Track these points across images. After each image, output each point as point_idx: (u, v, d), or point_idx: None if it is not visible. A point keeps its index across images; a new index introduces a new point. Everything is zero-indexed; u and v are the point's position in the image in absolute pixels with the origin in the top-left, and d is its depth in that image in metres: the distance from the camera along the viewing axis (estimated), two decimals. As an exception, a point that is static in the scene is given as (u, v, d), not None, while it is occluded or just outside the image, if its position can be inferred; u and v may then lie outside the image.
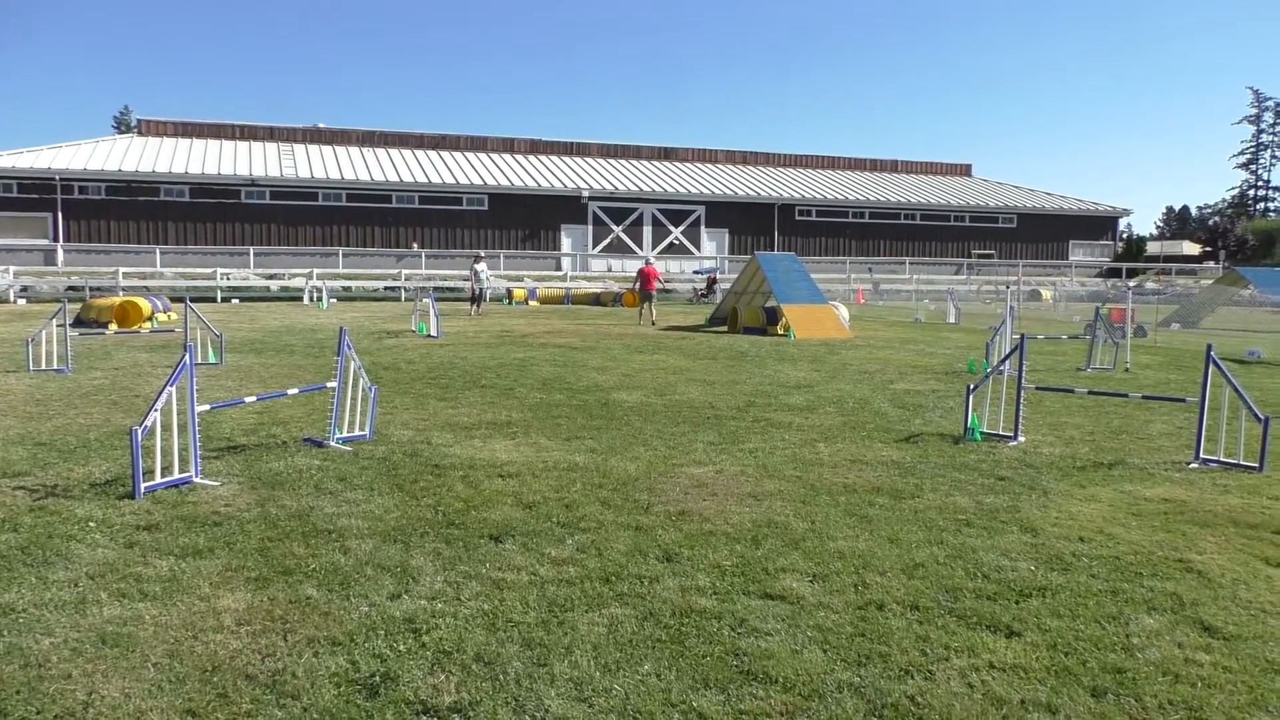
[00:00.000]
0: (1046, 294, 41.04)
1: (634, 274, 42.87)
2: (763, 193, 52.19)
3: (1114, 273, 54.21)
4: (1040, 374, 13.83)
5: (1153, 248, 62.56)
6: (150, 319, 21.07)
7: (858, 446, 8.48)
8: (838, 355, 16.74)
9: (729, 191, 51.64)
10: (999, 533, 5.86)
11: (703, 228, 50.98)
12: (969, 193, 58.72)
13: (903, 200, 54.52)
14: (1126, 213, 60.69)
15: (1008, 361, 9.81)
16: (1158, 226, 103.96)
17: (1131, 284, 37.44)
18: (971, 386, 9.17)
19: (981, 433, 8.91)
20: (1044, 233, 57.19)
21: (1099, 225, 59.08)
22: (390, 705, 3.56)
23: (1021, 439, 8.75)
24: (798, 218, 52.31)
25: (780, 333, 21.18)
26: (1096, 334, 15.41)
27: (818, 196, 52.99)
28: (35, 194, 40.99)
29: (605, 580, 4.91)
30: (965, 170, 64.75)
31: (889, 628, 4.34)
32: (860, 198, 53.87)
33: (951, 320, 26.90)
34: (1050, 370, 14.84)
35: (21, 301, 31.95)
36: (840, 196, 53.57)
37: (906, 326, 25.24)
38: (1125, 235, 63.02)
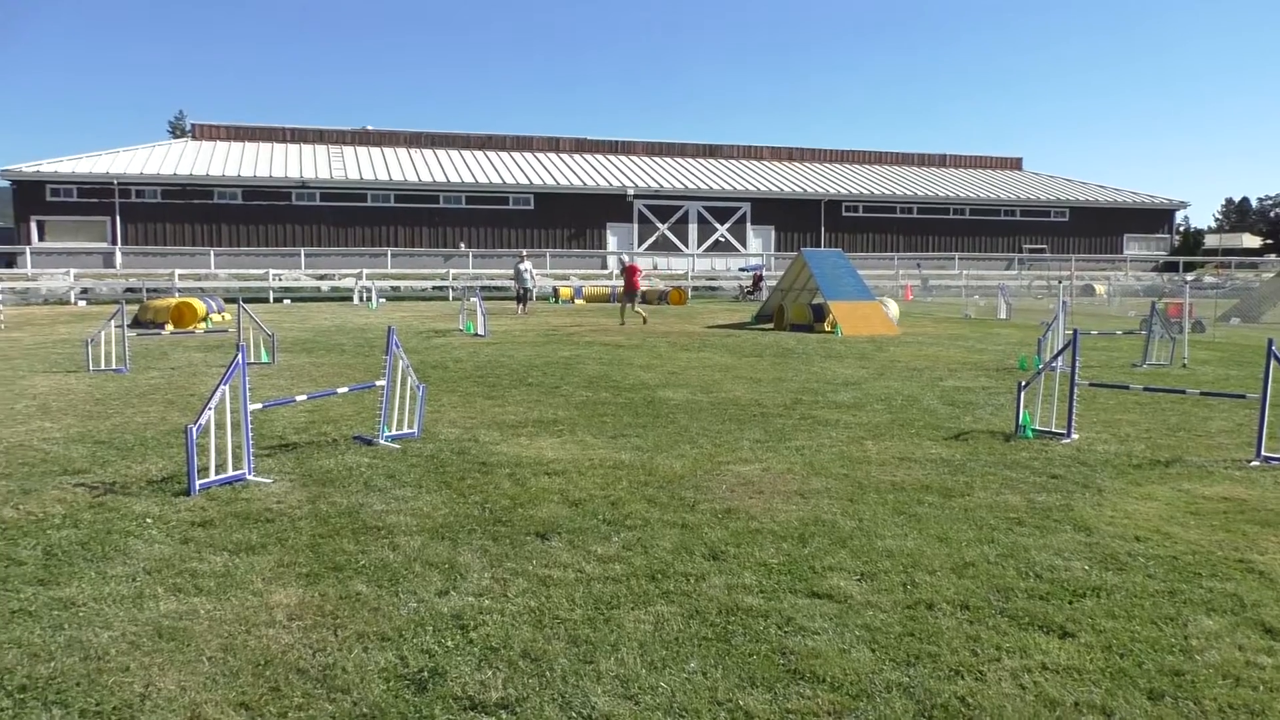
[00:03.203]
0: (1100, 289, 40.25)
1: (680, 272, 42.88)
2: (809, 189, 51.83)
3: (1170, 267, 53.00)
4: (1094, 370, 13.58)
5: (1211, 241, 61.13)
6: (205, 319, 21.48)
7: (906, 444, 8.38)
8: (885, 352, 16.58)
9: (774, 188, 51.36)
10: (1052, 532, 5.76)
11: (748, 225, 50.77)
12: (1020, 186, 57.80)
13: (952, 195, 53.81)
14: (1184, 205, 59.38)
15: (1060, 357, 9.64)
16: (1216, 219, 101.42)
17: (1189, 278, 36.58)
18: (1023, 383, 9.02)
19: (1033, 430, 8.76)
20: (1098, 226, 56.10)
21: (1155, 218, 57.82)
22: (438, 700, 3.59)
23: (1075, 436, 8.59)
24: (844, 214, 51.87)
25: (827, 330, 21.03)
26: (1153, 329, 15.08)
27: (865, 192, 52.49)
28: (94, 198, 42.00)
29: (651, 578, 4.91)
30: (1016, 164, 63.72)
31: (938, 627, 4.28)
32: (908, 193, 53.27)
33: (1002, 316, 26.50)
34: (1104, 366, 14.56)
35: (82, 303, 32.75)
36: (888, 192, 53.01)
37: (956, 322, 24.93)
38: (1182, 228, 61.70)
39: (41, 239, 41.30)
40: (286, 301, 34.15)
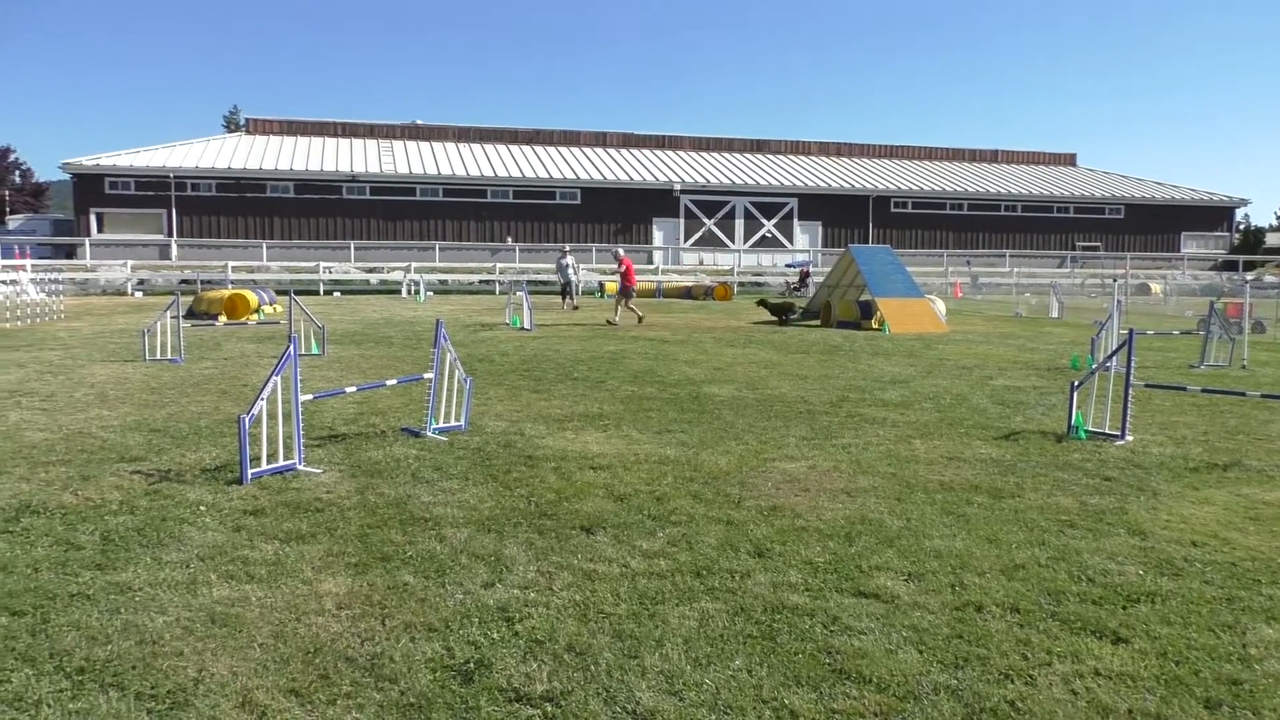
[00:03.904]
0: (1156, 288, 39.45)
1: (726, 268, 42.74)
2: (857, 184, 51.39)
3: (1230, 265, 51.72)
4: (1149, 371, 13.30)
5: (1272, 239, 59.44)
6: (257, 311, 21.82)
7: (955, 443, 8.28)
8: (934, 350, 16.39)
9: (822, 183, 50.99)
10: (1105, 535, 5.65)
11: (795, 220, 50.47)
12: (1073, 183, 56.78)
13: (1003, 191, 53.03)
14: (1244, 203, 57.91)
15: (1115, 357, 9.45)
16: (1278, 216, 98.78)
17: (1249, 277, 35.68)
18: (1076, 383, 8.86)
19: (1086, 431, 8.61)
20: (1154, 224, 54.93)
21: (1213, 216, 56.48)
22: (484, 692, 3.61)
23: (1129, 438, 8.42)
24: (893, 210, 51.36)
25: (875, 327, 20.83)
26: (1211, 330, 14.74)
27: (914, 188, 51.92)
28: (151, 191, 42.90)
29: (696, 574, 4.90)
30: (1070, 160, 62.61)
31: (988, 630, 4.22)
32: (958, 189, 52.58)
33: (1054, 315, 26.07)
34: (1160, 367, 14.26)
35: (138, 294, 33.48)
36: (937, 188, 52.38)
37: (1006, 321, 24.57)
38: (1242, 226, 60.14)
39: (100, 231, 42.28)
40: (336, 294, 34.60)
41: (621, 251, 23.51)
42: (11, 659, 3.83)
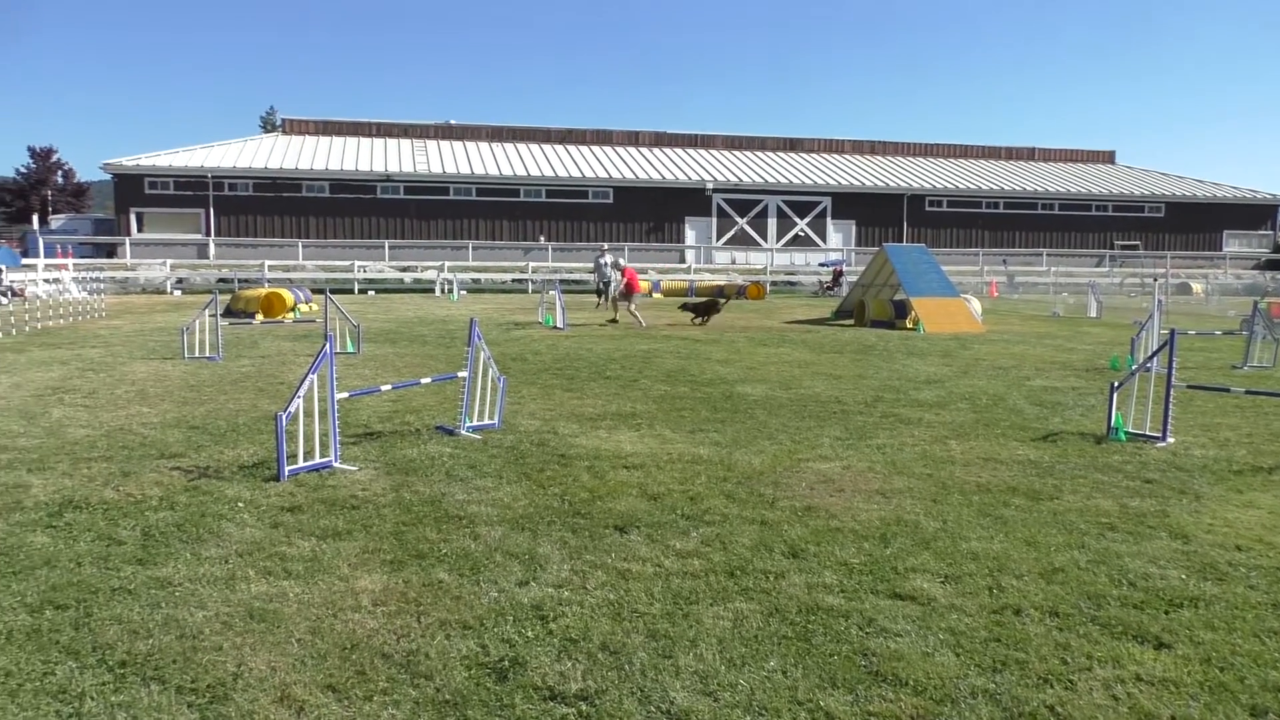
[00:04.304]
0: (1197, 287, 38.82)
1: (758, 267, 42.61)
2: (891, 183, 51.02)
3: (1273, 264, 50.79)
4: (1191, 372, 13.08)
5: (1317, 237, 58.25)
6: (293, 309, 22.05)
7: (992, 444, 8.19)
8: (970, 350, 16.23)
9: (856, 182, 50.68)
10: (1146, 538, 5.57)
11: (829, 219, 50.20)
12: (1112, 181, 56.00)
13: (1040, 189, 52.42)
14: (1288, 200, 56.78)
15: (1156, 358, 9.30)
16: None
17: (1293, 276, 34.98)
18: (1116, 384, 8.73)
19: (1126, 433, 8.48)
20: (1194, 222, 54.06)
21: (1256, 214, 55.48)
22: (519, 690, 3.62)
23: (1171, 440, 8.29)
24: (928, 208, 50.94)
25: (909, 326, 20.67)
26: (1254, 330, 14.46)
27: (949, 186, 51.46)
28: (190, 191, 43.49)
29: (730, 574, 4.88)
30: (1108, 157, 61.78)
31: (1026, 633, 4.17)
32: (994, 187, 52.05)
33: (1093, 314, 25.73)
34: (1202, 368, 14.02)
35: (177, 293, 33.94)
36: (973, 186, 51.88)
37: (1044, 321, 24.28)
38: (1286, 224, 58.92)
39: (140, 230, 42.92)
40: (371, 293, 34.88)
41: (622, 261, 23.40)
42: (56, 652, 3.90)
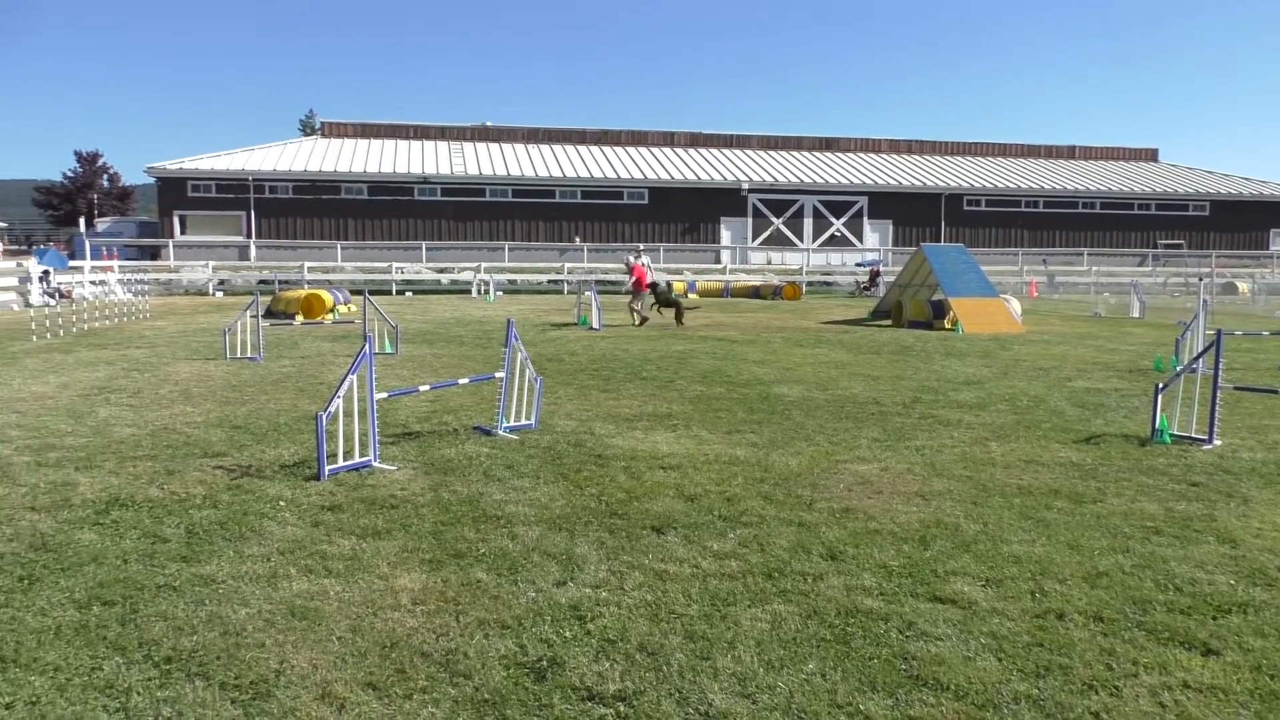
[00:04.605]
0: (1244, 287, 38.06)
1: (794, 267, 42.43)
2: (929, 182, 50.54)
3: (1322, 263, 49.65)
4: (1238, 373, 12.83)
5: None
6: (332, 311, 22.28)
7: (1033, 446, 8.08)
8: (1009, 350, 16.04)
9: (893, 182, 50.26)
10: (1193, 542, 5.47)
11: (865, 219, 49.83)
12: (1155, 179, 55.06)
13: (1081, 188, 51.68)
14: (1338, 198, 55.50)
15: (1202, 359, 9.14)
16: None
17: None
18: (1160, 385, 8.59)
19: (1171, 435, 8.33)
20: (1240, 221, 52.98)
21: (1305, 212, 54.24)
22: (557, 690, 3.63)
23: (1217, 442, 8.13)
24: (966, 208, 50.39)
25: (947, 327, 20.47)
26: (1303, 330, 14.15)
27: (987, 185, 50.88)
28: (231, 193, 44.06)
29: (768, 576, 4.86)
30: (1151, 155, 60.74)
31: (1070, 639, 4.11)
32: (1034, 186, 51.39)
33: (1135, 314, 25.32)
34: (1249, 369, 13.75)
35: (219, 294, 34.43)
36: (1012, 185, 51.25)
37: (1085, 321, 23.94)
38: (1336, 222, 57.61)
39: (183, 232, 43.55)
40: (408, 294, 35.16)
41: (632, 259, 23.32)
42: (103, 647, 3.96)
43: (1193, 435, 8.33)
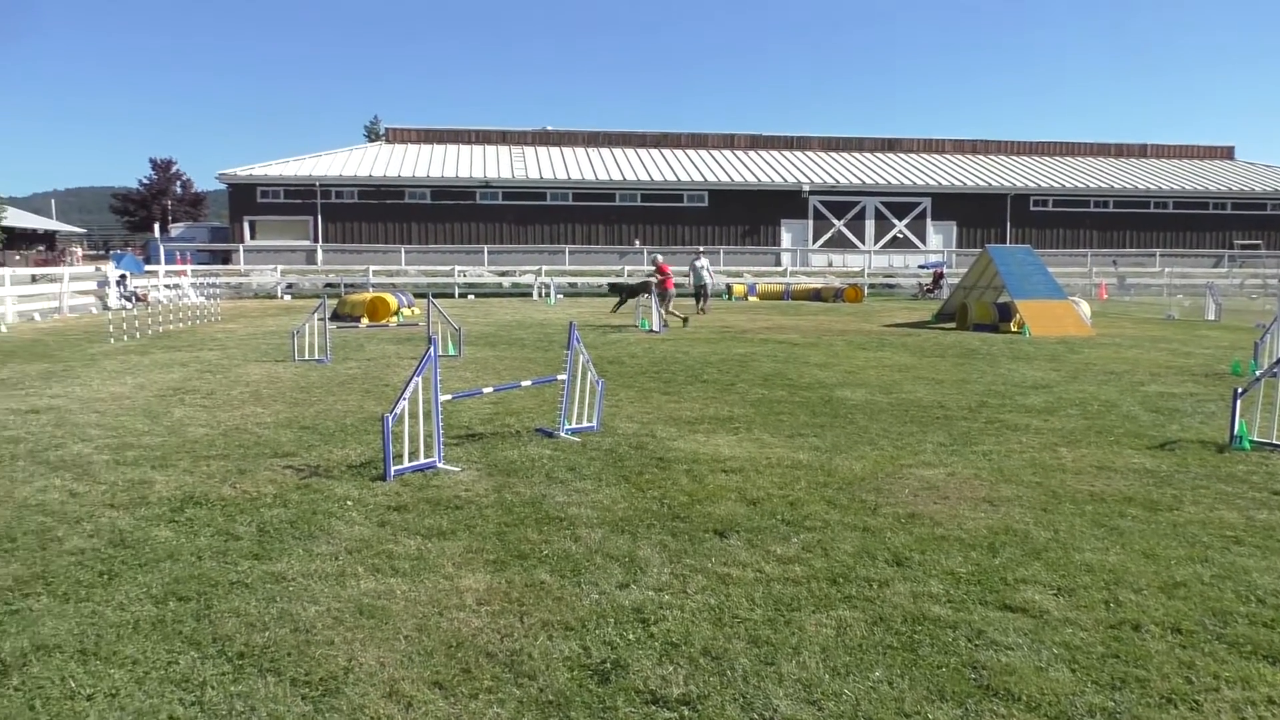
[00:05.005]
0: (1325, 288, 36.73)
1: (856, 269, 42.01)
2: (993, 183, 49.67)
3: None
4: (1320, 377, 12.36)
5: None
6: (397, 314, 22.60)
7: (1105, 452, 7.88)
8: (1079, 354, 15.68)
9: (957, 182, 49.49)
10: (1276, 553, 5.28)
11: (928, 220, 49.14)
12: (1231, 177, 53.42)
13: (1153, 187, 50.35)
14: None
15: (1283, 363, 8.82)
16: None
17: None
18: (1240, 390, 8.32)
19: (1251, 441, 8.07)
20: (1323, 220, 51.12)
21: (1392, 210, 52.18)
22: (621, 692, 3.63)
23: (1300, 449, 7.85)
24: (1032, 208, 49.42)
25: (1014, 329, 20.08)
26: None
27: (1055, 185, 49.84)
28: (299, 199, 45.00)
29: (832, 581, 4.80)
30: (1227, 153, 58.95)
31: (1146, 650, 4.00)
32: (1103, 185, 50.20)
33: (1210, 317, 24.58)
34: (1332, 373, 13.24)
35: (287, 297, 35.18)
36: (1080, 185, 50.13)
37: (1157, 324, 23.31)
38: None
39: (253, 237, 44.59)
40: (470, 297, 35.54)
41: (660, 258, 23.43)
42: (179, 642, 4.07)
43: (1274, 441, 8.05)
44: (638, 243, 45.94)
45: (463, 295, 36.01)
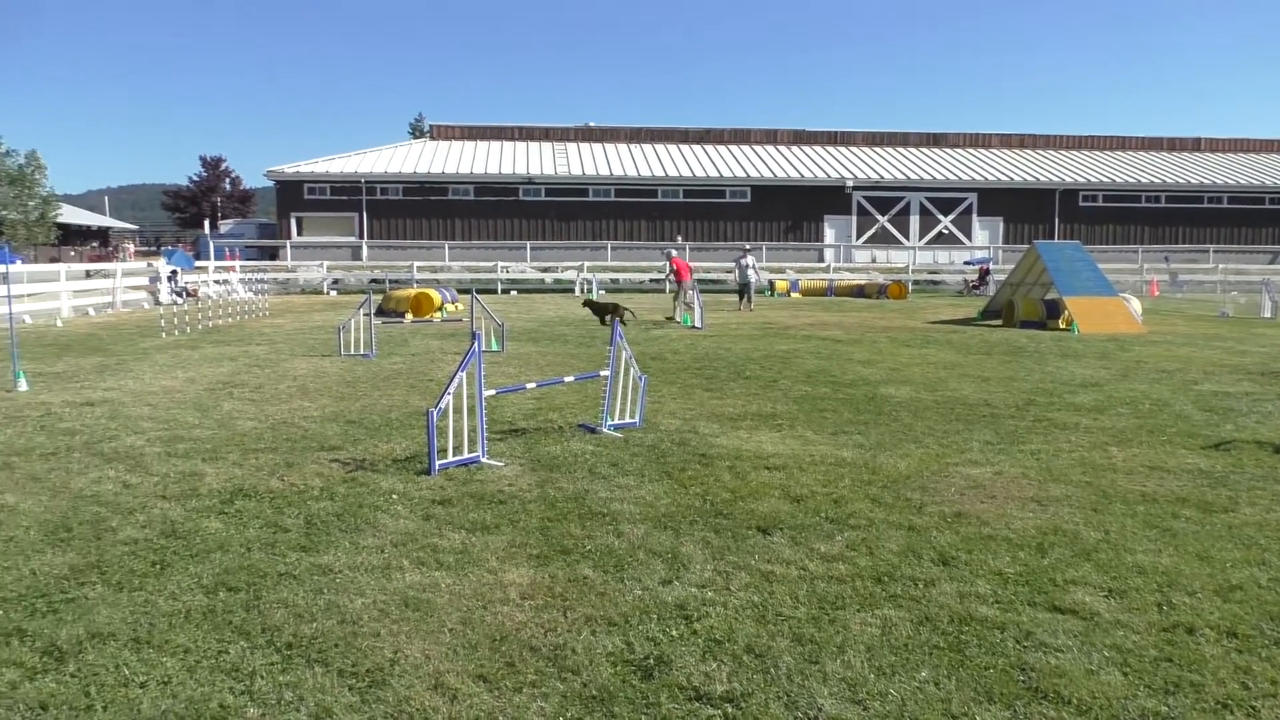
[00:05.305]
0: (1387, 285, 35.70)
1: (900, 265, 41.60)
2: (1041, 178, 48.90)
3: None
4: (1382, 377, 12.03)
5: None
6: (440, 309, 22.77)
7: (1157, 452, 7.73)
8: (1129, 352, 15.39)
9: (1003, 177, 48.79)
10: (1336, 556, 5.14)
11: (974, 216, 48.50)
12: (1289, 171, 52.07)
13: (1206, 182, 49.26)
14: None
15: (1343, 362, 8.60)
16: None
17: None
18: (1297, 389, 8.11)
19: (1309, 442, 7.87)
20: (1385, 215, 49.69)
21: None
22: (664, 689, 3.63)
23: (1361, 451, 7.64)
24: (1081, 204, 48.58)
25: (1062, 327, 19.77)
26: None
27: (1104, 180, 48.94)
28: (344, 195, 45.52)
29: (877, 580, 4.76)
30: (1284, 146, 57.49)
31: (1201, 654, 3.91)
32: (1154, 180, 49.21)
33: (1266, 314, 24.02)
34: (1395, 373, 12.88)
35: (333, 293, 35.61)
36: (1131, 179, 49.19)
37: (1211, 321, 22.81)
38: None
39: (300, 234, 45.18)
40: (513, 293, 35.73)
41: (674, 252, 23.28)
42: (229, 631, 4.13)
43: (1334, 443, 7.85)
44: (680, 239, 45.87)
45: (506, 291, 36.20)
